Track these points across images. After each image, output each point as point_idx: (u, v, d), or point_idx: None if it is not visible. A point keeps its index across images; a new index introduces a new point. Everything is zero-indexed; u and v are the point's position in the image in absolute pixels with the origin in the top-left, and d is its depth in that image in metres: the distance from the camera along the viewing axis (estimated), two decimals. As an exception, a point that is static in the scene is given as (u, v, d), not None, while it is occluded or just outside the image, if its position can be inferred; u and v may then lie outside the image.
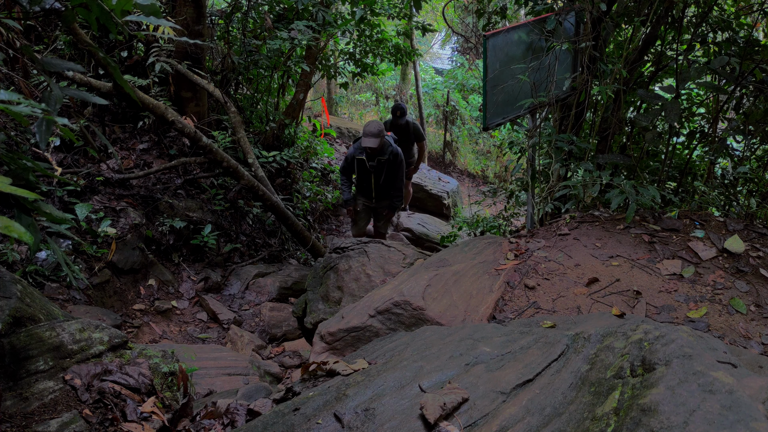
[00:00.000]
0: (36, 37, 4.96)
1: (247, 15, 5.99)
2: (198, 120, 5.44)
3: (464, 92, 14.44)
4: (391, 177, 5.26)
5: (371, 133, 4.91)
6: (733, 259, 2.88)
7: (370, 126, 4.98)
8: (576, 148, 3.73)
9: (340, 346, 2.77)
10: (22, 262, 3.51)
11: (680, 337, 1.32)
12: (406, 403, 1.50)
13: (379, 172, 5.20)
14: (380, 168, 5.18)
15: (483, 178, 13.16)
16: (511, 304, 2.70)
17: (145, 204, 4.79)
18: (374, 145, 4.91)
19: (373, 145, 4.91)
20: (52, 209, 1.69)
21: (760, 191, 3.87)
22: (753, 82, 3.63)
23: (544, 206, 3.88)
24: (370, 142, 4.91)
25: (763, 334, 2.40)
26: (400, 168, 5.23)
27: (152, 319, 4.26)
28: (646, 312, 2.55)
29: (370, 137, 4.90)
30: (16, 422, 1.58)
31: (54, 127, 2.30)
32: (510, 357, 1.70)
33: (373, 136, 4.92)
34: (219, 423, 1.93)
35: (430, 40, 18.85)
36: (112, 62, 1.84)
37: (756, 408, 1.04)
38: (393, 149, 5.17)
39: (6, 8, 3.04)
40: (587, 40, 3.60)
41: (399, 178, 5.28)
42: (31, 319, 1.83)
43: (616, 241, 3.13)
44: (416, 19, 7.40)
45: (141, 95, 4.50)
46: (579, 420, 1.25)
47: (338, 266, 3.62)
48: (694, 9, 4.07)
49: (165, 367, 2.11)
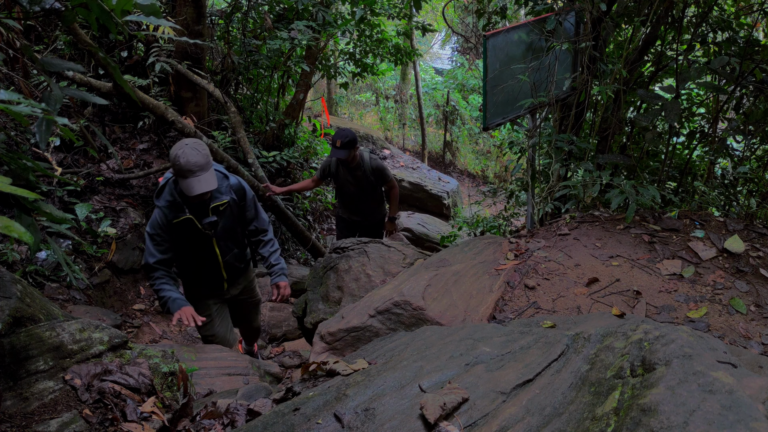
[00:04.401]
0: (36, 37, 4.96)
1: (247, 15, 5.99)
2: (198, 120, 5.44)
3: (464, 92, 14.45)
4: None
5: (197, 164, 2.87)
6: (733, 259, 2.88)
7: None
8: (576, 148, 3.73)
9: (340, 346, 2.77)
10: (22, 262, 3.51)
11: (680, 337, 1.32)
12: (406, 403, 1.50)
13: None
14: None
15: (483, 178, 13.17)
16: (511, 304, 2.70)
17: (145, 204, 4.78)
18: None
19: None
20: (52, 209, 1.69)
21: (760, 191, 3.87)
22: (753, 82, 3.63)
23: (544, 206, 3.88)
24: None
25: (763, 334, 2.40)
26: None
27: (152, 319, 4.26)
28: (646, 312, 2.55)
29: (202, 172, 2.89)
30: (16, 422, 1.58)
31: (54, 127, 2.30)
32: (510, 357, 1.70)
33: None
34: (219, 423, 1.93)
35: (430, 40, 18.85)
36: (112, 62, 1.84)
37: (756, 408, 1.04)
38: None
39: (6, 8, 3.04)
40: (587, 40, 3.60)
41: None
42: (31, 319, 1.83)
43: (616, 241, 3.13)
44: (416, 19, 7.40)
45: (141, 95, 4.51)
46: (579, 420, 1.25)
47: (338, 266, 3.62)
48: (694, 9, 4.07)
49: (165, 367, 2.11)
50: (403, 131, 14.19)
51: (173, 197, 2.93)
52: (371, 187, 4.67)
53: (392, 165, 9.66)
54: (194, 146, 2.81)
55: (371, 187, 4.67)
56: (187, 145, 2.80)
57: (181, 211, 2.94)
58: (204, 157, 2.81)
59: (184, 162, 2.74)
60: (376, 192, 4.79)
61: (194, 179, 2.76)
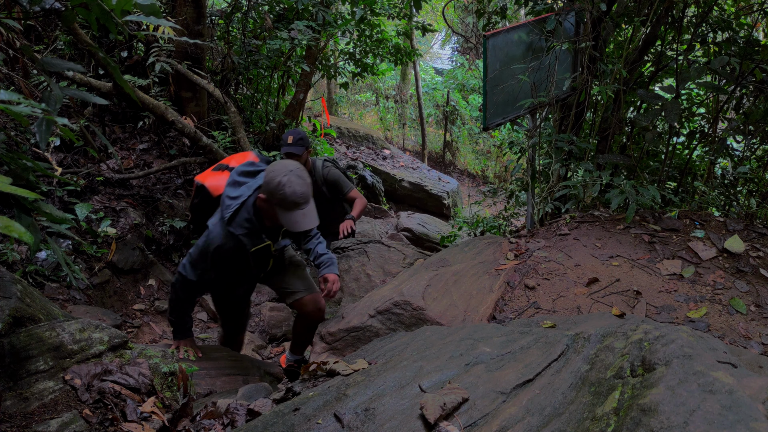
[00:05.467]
0: (36, 37, 4.96)
1: (247, 15, 5.99)
2: (198, 120, 5.44)
3: (464, 92, 14.46)
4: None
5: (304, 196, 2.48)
6: (733, 259, 2.88)
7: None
8: (576, 148, 3.73)
9: (340, 346, 2.77)
10: (22, 262, 3.51)
11: (680, 337, 1.32)
12: (406, 403, 1.50)
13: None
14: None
15: (483, 178, 13.18)
16: (511, 304, 2.70)
17: (145, 204, 4.78)
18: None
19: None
20: (52, 209, 1.69)
21: (760, 191, 3.87)
22: (753, 82, 3.63)
23: (544, 206, 3.88)
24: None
25: (763, 334, 2.40)
26: None
27: (152, 319, 4.25)
28: (646, 312, 2.55)
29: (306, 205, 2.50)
30: (16, 422, 1.58)
31: (54, 127, 2.30)
32: (510, 357, 1.70)
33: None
34: (219, 423, 1.93)
35: (430, 40, 18.85)
36: (112, 62, 1.84)
37: (756, 408, 1.04)
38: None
39: (6, 8, 3.04)
40: (587, 40, 3.60)
41: None
42: (31, 319, 1.83)
43: (616, 241, 3.13)
44: (416, 19, 7.40)
45: (141, 95, 4.51)
46: (579, 420, 1.25)
47: (338, 266, 3.62)
48: (694, 9, 4.07)
49: (165, 367, 2.11)
50: (403, 131, 14.20)
51: (252, 224, 2.50)
52: (325, 200, 3.96)
53: (392, 165, 9.66)
54: (299, 174, 2.41)
55: (325, 199, 3.97)
56: (292, 171, 2.39)
57: (259, 238, 2.55)
58: (309, 187, 2.44)
59: (290, 192, 2.35)
60: (333, 208, 4.10)
61: (299, 213, 2.39)
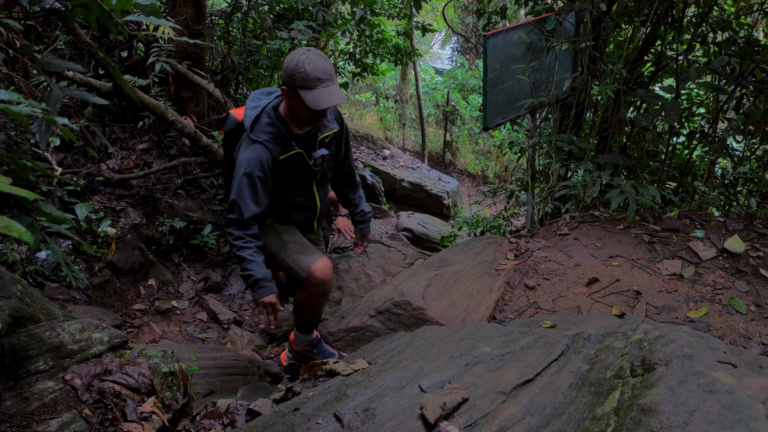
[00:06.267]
0: (36, 37, 4.96)
1: (247, 15, 5.99)
2: (198, 120, 5.44)
3: (464, 92, 14.46)
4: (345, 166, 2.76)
5: (326, 72, 2.20)
6: (733, 259, 2.88)
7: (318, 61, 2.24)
8: (576, 148, 3.73)
9: (340, 346, 2.77)
10: (22, 262, 3.51)
11: (680, 337, 1.32)
12: (406, 403, 1.50)
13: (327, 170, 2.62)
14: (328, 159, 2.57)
15: (483, 178, 13.17)
16: (511, 304, 2.70)
17: (145, 204, 4.78)
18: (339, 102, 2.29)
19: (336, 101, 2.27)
20: (52, 209, 1.69)
21: (760, 191, 3.87)
22: (753, 82, 3.63)
23: (544, 206, 3.88)
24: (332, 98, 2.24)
25: (763, 334, 2.40)
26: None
27: (152, 319, 4.25)
28: (646, 312, 2.55)
29: (330, 82, 2.21)
30: (16, 422, 1.58)
31: (54, 127, 2.30)
32: (510, 357, 1.70)
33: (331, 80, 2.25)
34: (219, 423, 1.93)
35: (430, 40, 18.85)
36: (112, 62, 1.84)
37: (756, 408, 1.04)
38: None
39: (6, 8, 3.04)
40: (587, 40, 3.60)
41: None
42: (31, 319, 1.83)
43: (616, 241, 3.13)
44: (416, 19, 7.40)
45: (141, 95, 4.51)
46: (579, 420, 1.25)
47: (338, 266, 3.62)
48: (694, 9, 4.07)
49: (165, 367, 2.11)
50: (403, 131, 14.19)
51: (276, 128, 2.30)
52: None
53: (392, 165, 9.65)
54: (318, 53, 2.24)
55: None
56: (310, 50, 2.21)
57: (288, 144, 2.32)
58: (330, 63, 2.22)
59: (311, 69, 2.15)
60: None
61: (324, 89, 2.17)
